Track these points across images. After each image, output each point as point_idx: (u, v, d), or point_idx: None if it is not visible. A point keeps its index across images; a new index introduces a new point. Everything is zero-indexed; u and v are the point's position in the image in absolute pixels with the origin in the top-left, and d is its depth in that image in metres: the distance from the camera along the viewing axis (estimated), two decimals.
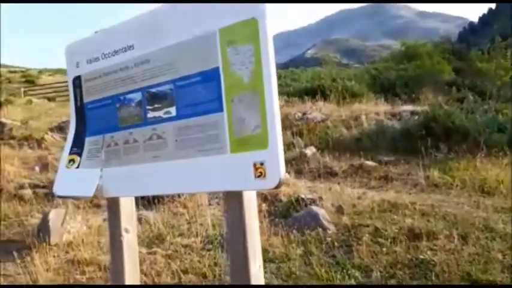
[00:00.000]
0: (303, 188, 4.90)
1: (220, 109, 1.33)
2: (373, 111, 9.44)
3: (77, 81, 1.74)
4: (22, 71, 65.15)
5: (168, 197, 4.94)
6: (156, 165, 1.49)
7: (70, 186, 1.68)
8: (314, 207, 3.99)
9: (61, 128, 9.79)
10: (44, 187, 6.17)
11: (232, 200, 1.32)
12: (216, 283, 3.00)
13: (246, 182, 1.24)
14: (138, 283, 1.70)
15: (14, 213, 5.39)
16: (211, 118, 1.35)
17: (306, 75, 21.82)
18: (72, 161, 1.69)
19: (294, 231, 3.66)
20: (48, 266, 3.59)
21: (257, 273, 1.29)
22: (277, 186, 1.18)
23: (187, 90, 1.42)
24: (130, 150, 1.56)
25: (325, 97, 11.47)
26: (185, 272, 3.25)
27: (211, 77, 1.36)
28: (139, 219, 4.55)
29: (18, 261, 3.95)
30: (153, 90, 1.52)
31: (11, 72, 64.27)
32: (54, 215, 4.23)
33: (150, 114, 1.52)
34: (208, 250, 3.57)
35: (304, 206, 4.16)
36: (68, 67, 1.77)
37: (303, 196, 4.31)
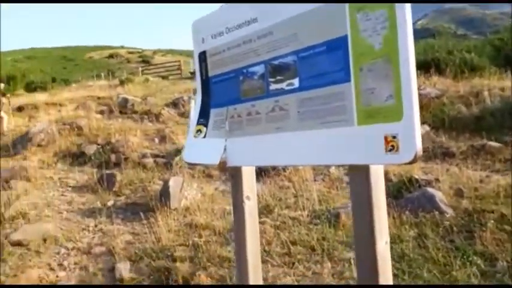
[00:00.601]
0: (415, 168, 4.61)
1: (347, 79, 1.28)
2: (498, 86, 8.35)
3: (202, 56, 1.83)
4: (139, 52, 72.09)
5: (274, 171, 5.07)
6: (279, 136, 1.50)
7: (197, 154, 1.80)
8: (430, 189, 3.74)
9: (175, 104, 10.62)
10: (163, 157, 6.81)
11: (358, 174, 1.28)
12: (325, 257, 3.01)
13: (376, 155, 1.18)
14: (258, 248, 1.78)
15: (138, 179, 6.06)
16: (336, 89, 1.31)
17: (417, 48, 20.11)
18: (199, 131, 1.80)
19: (407, 212, 3.48)
20: (169, 228, 3.97)
21: (384, 249, 1.24)
22: (412, 161, 1.10)
23: (311, 61, 1.39)
24: (253, 121, 1.61)
25: (440, 71, 10.47)
26: (294, 243, 3.33)
27: (338, 46, 1.31)
28: None
29: (144, 221, 4.47)
30: (276, 62, 1.52)
31: (129, 53, 71.64)
32: (174, 182, 4.64)
33: (273, 87, 1.54)
34: (316, 224, 3.59)
35: (417, 187, 3.91)
36: (194, 43, 1.87)
37: (416, 177, 4.05)
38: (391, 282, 1.27)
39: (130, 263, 3.50)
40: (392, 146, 1.14)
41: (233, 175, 1.77)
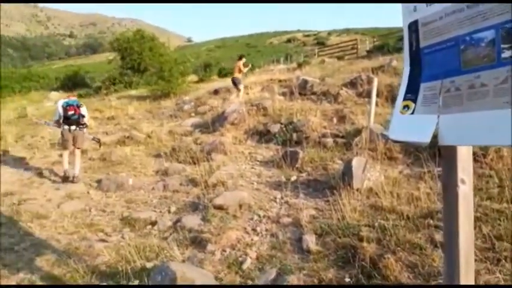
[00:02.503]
0: None
1: None
2: None
3: (413, 26, 1.70)
4: (314, 34, 73.50)
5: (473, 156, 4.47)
6: (507, 112, 1.28)
7: (404, 132, 1.70)
8: None
9: (353, 84, 10.44)
10: (342, 137, 6.82)
11: None
12: None
13: None
14: (472, 239, 1.59)
15: (318, 157, 6.23)
16: None
17: None
18: (406, 106, 1.70)
19: None
20: (352, 207, 3.97)
21: None
22: None
23: None
24: (476, 95, 1.41)
25: None
26: (498, 238, 2.90)
27: None
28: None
29: (327, 198, 4.57)
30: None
31: (305, 36, 73.75)
32: (356, 163, 4.59)
33: (506, 54, 1.31)
34: None
35: None
36: (403, 13, 1.75)
37: None
38: None
39: (316, 237, 3.66)
40: None
41: (445, 155, 1.61)
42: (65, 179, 6.67)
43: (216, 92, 14.27)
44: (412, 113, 1.68)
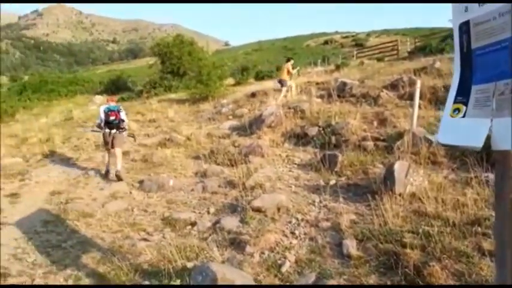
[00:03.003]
0: None
1: None
2: None
3: (464, 27, 1.64)
4: (352, 36, 72.23)
5: None
6: None
7: (455, 135, 1.65)
8: None
9: (394, 86, 10.17)
10: (383, 140, 6.66)
11: None
12: None
13: None
14: None
15: (358, 161, 6.12)
16: None
17: None
18: (457, 109, 1.64)
19: None
20: (395, 212, 3.87)
21: None
22: None
23: None
24: None
25: None
26: None
27: None
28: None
29: (368, 203, 4.48)
30: None
31: (343, 38, 72.62)
32: (399, 167, 4.47)
33: None
34: None
35: None
36: (453, 13, 1.69)
37: None
38: None
39: (357, 242, 3.59)
40: None
41: (498, 161, 1.54)
42: (107, 176, 7.17)
43: (253, 95, 14.36)
44: (463, 116, 1.62)
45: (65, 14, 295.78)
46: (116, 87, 28.38)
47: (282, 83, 12.87)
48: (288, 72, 12.88)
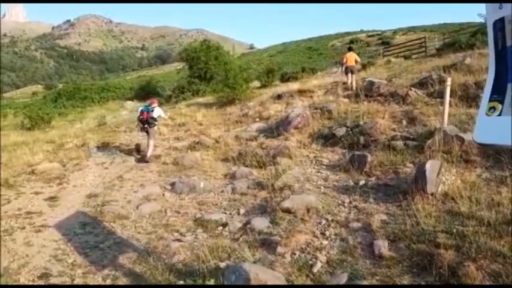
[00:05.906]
0: None
1: None
2: None
3: (499, 24, 1.63)
4: (378, 34, 70.94)
5: None
6: None
7: (491, 134, 1.63)
8: None
9: (422, 84, 9.97)
10: (413, 139, 6.55)
11: None
12: None
13: None
14: None
15: (388, 161, 6.05)
16: None
17: None
18: (492, 108, 1.63)
19: None
20: (427, 213, 3.82)
21: None
22: None
23: None
24: None
25: None
26: None
27: None
28: None
29: (398, 203, 4.43)
30: None
31: (369, 36, 71.42)
32: (430, 166, 4.40)
33: None
34: None
35: None
36: (487, 10, 1.68)
37: None
38: None
39: (389, 242, 3.57)
40: None
41: None
42: (137, 151, 9.68)
43: (279, 96, 14.38)
44: (499, 115, 1.61)
45: (95, 24, 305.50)
46: (145, 92, 29.08)
47: (351, 70, 13.55)
48: (356, 60, 13.95)
